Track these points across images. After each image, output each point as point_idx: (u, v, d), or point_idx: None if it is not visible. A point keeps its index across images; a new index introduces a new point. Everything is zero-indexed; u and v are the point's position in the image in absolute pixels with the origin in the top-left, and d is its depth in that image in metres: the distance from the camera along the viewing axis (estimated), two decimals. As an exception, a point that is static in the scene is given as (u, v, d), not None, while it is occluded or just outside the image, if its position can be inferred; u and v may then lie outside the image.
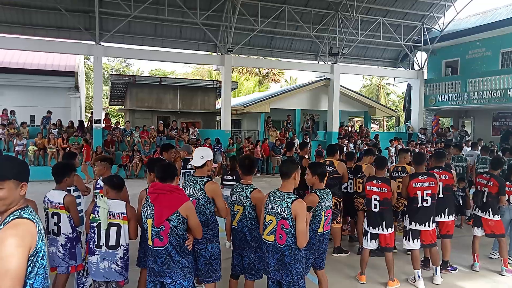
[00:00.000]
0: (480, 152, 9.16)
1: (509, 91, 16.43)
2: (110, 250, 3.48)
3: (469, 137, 18.98)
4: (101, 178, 4.45)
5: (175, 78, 28.76)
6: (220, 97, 18.44)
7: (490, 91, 17.20)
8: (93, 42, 15.14)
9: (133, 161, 14.57)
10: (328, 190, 4.11)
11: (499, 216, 5.47)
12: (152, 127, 16.66)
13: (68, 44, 15.62)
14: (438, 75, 21.40)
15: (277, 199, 3.34)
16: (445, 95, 19.43)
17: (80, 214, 4.31)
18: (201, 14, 15.91)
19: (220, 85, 18.34)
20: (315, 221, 3.93)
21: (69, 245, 3.83)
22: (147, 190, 3.58)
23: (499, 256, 5.59)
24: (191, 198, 3.61)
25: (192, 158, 3.89)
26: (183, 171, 6.25)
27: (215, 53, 18.23)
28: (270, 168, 16.75)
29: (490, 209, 5.44)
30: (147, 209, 3.13)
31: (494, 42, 18.55)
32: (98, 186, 4.48)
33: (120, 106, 25.75)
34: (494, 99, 17.10)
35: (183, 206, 3.06)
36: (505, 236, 5.56)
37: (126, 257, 3.57)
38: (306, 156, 7.73)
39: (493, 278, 5.35)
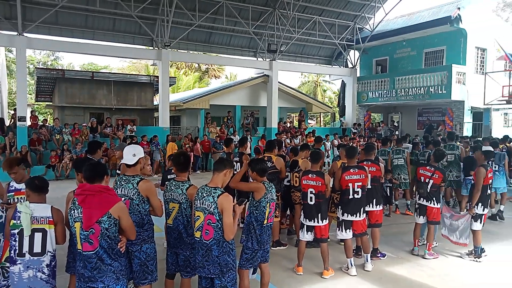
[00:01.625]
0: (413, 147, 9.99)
1: (431, 88, 17.84)
2: (35, 258, 3.23)
3: (397, 132, 20.35)
4: (14, 181, 4.12)
5: (109, 73, 27.48)
6: (158, 93, 17.94)
7: (415, 88, 18.54)
8: (15, 33, 13.92)
9: (63, 161, 13.69)
10: (272, 184, 4.20)
11: (440, 204, 5.92)
12: (84, 124, 15.76)
13: (-15, 34, 14.24)
14: (369, 73, 22.64)
15: (204, 195, 3.39)
16: (376, 92, 20.61)
17: (0, 220, 3.98)
18: (136, 6, 15.32)
19: (157, 80, 17.84)
20: (261, 213, 4.00)
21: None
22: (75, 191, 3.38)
23: (425, 242, 6.05)
24: (123, 199, 3.48)
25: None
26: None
27: (152, 47, 17.68)
28: (210, 165, 16.63)
29: (434, 198, 5.85)
30: (74, 212, 2.95)
31: (418, 42, 20.00)
32: (12, 188, 4.14)
33: (48, 103, 24.04)
34: (419, 95, 18.46)
35: (115, 207, 2.93)
36: (439, 224, 6.05)
37: (53, 263, 3.34)
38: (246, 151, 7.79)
39: (417, 261, 5.79)
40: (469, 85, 17.61)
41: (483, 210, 5.82)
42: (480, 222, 5.83)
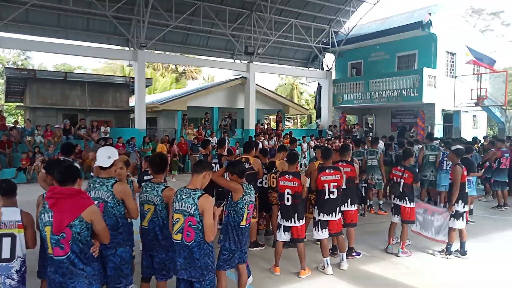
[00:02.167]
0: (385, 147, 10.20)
1: (404, 91, 18.30)
2: (4, 264, 3.12)
3: (372, 133, 20.76)
4: None
5: (83, 73, 26.86)
6: (134, 94, 17.66)
7: (388, 91, 18.97)
8: (-17, 31, 13.43)
9: (34, 164, 13.27)
10: (251, 186, 4.22)
11: (413, 203, 6.06)
12: (57, 126, 15.32)
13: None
14: (345, 76, 23.00)
15: (183, 197, 3.36)
16: (351, 94, 20.97)
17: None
18: (111, 6, 15.04)
19: (133, 81, 17.56)
20: (238, 213, 4.02)
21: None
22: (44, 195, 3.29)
23: (399, 241, 6.20)
24: (96, 202, 3.42)
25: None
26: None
27: (127, 48, 17.39)
28: (188, 166, 16.50)
29: (407, 198, 5.99)
30: (44, 216, 2.86)
31: (391, 46, 20.48)
32: None
33: (18, 103, 23.25)
34: (392, 98, 18.90)
35: (87, 211, 2.86)
36: (414, 223, 6.20)
37: (23, 269, 3.24)
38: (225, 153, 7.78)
39: (391, 260, 5.93)
40: (440, 88, 18.18)
41: (464, 207, 5.99)
42: (462, 220, 5.99)
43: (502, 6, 66.27)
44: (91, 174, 6.00)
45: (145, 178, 6.23)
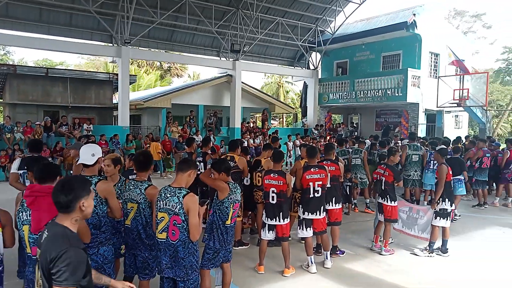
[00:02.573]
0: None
1: (389, 91, 18.51)
2: (-21, 264, 3.02)
3: (356, 133, 20.95)
4: None
5: (65, 69, 26.37)
6: (117, 91, 17.41)
7: (373, 91, 19.17)
8: (-40, 24, 13.03)
9: (14, 161, 12.94)
10: (237, 184, 4.19)
11: (396, 202, 6.11)
12: (37, 123, 14.97)
13: None
14: (330, 75, 23.14)
15: (168, 195, 3.32)
16: (336, 94, 21.10)
17: None
18: (94, 1, 14.77)
19: (117, 78, 17.30)
20: (223, 212, 4.00)
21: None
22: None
23: (381, 239, 6.26)
24: None
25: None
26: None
27: (111, 44, 17.11)
28: (161, 165, 16.31)
29: (388, 196, 6.05)
30: (22, 215, 2.79)
31: (376, 46, 20.69)
32: None
33: (-3, 100, 22.66)
34: (377, 97, 19.10)
35: (66, 209, 2.78)
36: (397, 222, 6.25)
37: (0, 268, 3.14)
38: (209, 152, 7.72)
39: (374, 258, 5.98)
40: (423, 88, 18.46)
41: (451, 205, 6.08)
42: (448, 219, 6.07)
43: (483, 9, 67.86)
44: (71, 172, 5.87)
45: (130, 177, 6.14)
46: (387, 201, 6.06)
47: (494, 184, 11.09)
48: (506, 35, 51.46)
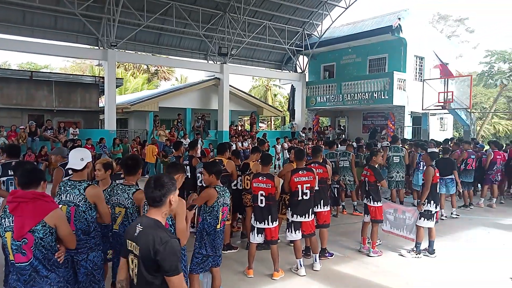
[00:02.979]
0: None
1: (375, 93, 18.71)
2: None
3: (344, 135, 21.11)
4: None
5: (50, 72, 25.98)
6: (104, 94, 17.21)
7: (360, 94, 19.35)
8: None
9: (-3, 166, 12.67)
10: (225, 187, 4.18)
11: (380, 203, 6.16)
12: (22, 127, 14.71)
13: None
14: (318, 78, 23.29)
15: None
16: (324, 97, 21.24)
17: None
18: (80, 4, 14.59)
19: (103, 81, 17.10)
20: (213, 217, 3.98)
21: None
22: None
23: (369, 241, 6.29)
24: (67, 206, 3.32)
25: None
26: (66, 179, 5.59)
27: (97, 47, 16.93)
28: (160, 169, 16.22)
29: (371, 197, 6.11)
30: (5, 221, 2.71)
31: (363, 49, 20.90)
32: None
33: (-20, 103, 22.18)
34: (363, 100, 19.29)
35: (51, 215, 2.73)
36: (382, 222, 6.30)
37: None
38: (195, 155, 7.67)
39: (363, 260, 6.01)
40: (409, 91, 18.71)
41: (436, 207, 6.15)
42: (432, 220, 6.13)
43: (466, 14, 69.25)
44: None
45: (117, 181, 6.06)
46: (370, 202, 6.13)
47: (479, 185, 11.29)
48: (488, 39, 52.68)
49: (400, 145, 10.05)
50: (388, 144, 10.15)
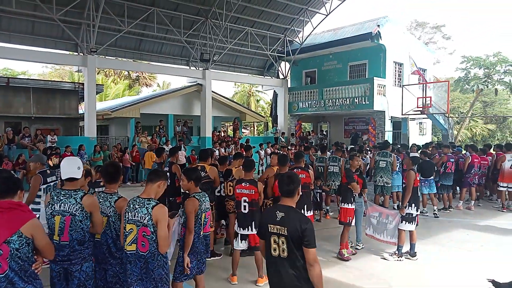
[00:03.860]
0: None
1: (356, 99, 18.98)
2: None
3: (326, 141, 21.31)
4: None
5: (28, 79, 25.41)
6: (83, 100, 16.92)
7: (341, 99, 19.60)
8: None
9: (-28, 176, 12.27)
10: (204, 193, 4.14)
11: (349, 205, 6.21)
12: (-2, 134, 14.33)
13: None
14: (300, 84, 23.48)
15: (137, 206, 3.26)
16: (306, 102, 21.42)
17: None
18: (58, 9, 14.35)
19: (82, 87, 16.83)
20: (198, 224, 3.94)
21: None
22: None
23: (353, 245, 6.36)
24: (61, 216, 3.25)
25: (49, 170, 3.47)
26: (44, 186, 5.45)
27: (76, 53, 16.67)
28: (141, 176, 16.02)
29: (341, 197, 6.20)
30: (-21, 232, 2.62)
31: (343, 56, 21.21)
32: None
33: (-46, 111, 21.48)
34: (345, 106, 19.53)
35: (27, 225, 2.64)
36: (349, 225, 6.33)
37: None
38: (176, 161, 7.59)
39: (346, 264, 6.07)
40: (389, 96, 19.05)
41: (417, 210, 6.25)
42: (413, 223, 6.22)
43: (443, 21, 71.19)
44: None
45: (97, 190, 5.94)
46: (341, 203, 6.28)
47: (458, 188, 11.54)
48: (464, 46, 54.27)
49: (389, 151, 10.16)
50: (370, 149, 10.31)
